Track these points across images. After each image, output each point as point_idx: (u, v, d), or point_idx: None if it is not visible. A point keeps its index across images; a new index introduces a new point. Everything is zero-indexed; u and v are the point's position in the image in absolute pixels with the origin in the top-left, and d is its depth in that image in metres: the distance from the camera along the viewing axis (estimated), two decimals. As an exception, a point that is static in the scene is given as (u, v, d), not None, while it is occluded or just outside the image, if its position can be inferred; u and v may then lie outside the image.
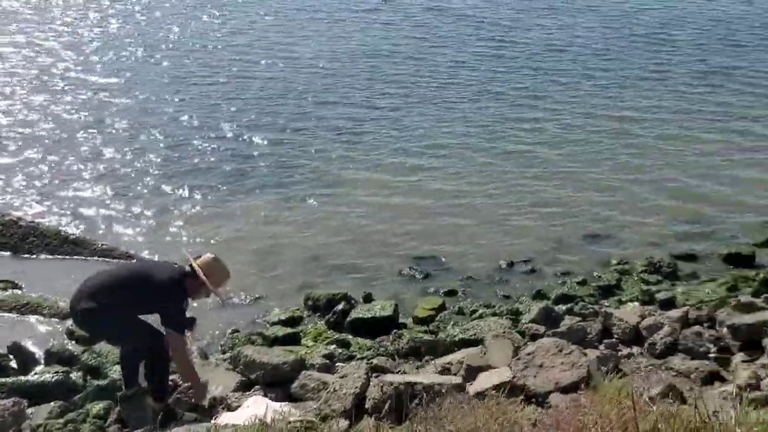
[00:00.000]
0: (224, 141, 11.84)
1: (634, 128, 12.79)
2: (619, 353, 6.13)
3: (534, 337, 6.58)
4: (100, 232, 8.98)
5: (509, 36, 18.69)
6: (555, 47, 17.76)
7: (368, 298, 7.76)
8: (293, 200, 10.01)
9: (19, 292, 7.59)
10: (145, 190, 10.09)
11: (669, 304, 7.44)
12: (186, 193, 10.08)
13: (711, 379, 5.65)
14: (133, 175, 10.52)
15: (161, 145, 11.57)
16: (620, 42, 18.41)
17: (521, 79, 15.25)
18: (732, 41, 18.70)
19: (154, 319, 5.27)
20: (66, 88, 13.98)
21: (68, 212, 9.36)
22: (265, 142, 11.84)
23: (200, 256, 5.41)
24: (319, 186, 10.42)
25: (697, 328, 6.44)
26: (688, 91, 14.71)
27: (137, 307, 5.09)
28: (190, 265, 5.25)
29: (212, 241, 8.90)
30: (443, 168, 11.10)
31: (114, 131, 12.05)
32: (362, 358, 6.49)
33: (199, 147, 11.56)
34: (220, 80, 14.83)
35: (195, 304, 5.84)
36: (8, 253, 8.33)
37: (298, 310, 7.67)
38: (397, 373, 5.93)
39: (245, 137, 12.01)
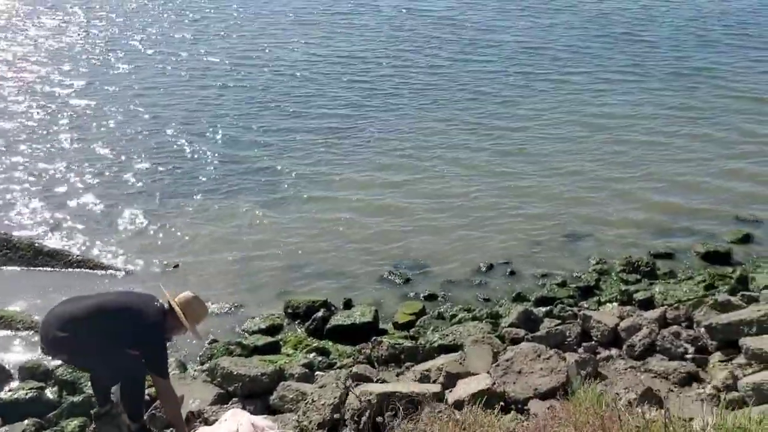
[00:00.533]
0: (199, 149, 11.69)
1: (612, 129, 12.79)
2: (598, 356, 6.15)
3: (514, 341, 6.59)
4: (75, 243, 8.84)
5: (486, 38, 18.63)
6: (532, 49, 17.74)
7: (348, 305, 7.73)
8: (272, 207, 9.92)
9: (-7, 306, 7.46)
10: (122, 200, 9.95)
11: (647, 303, 7.49)
12: (162, 202, 9.96)
13: (689, 380, 5.69)
14: (107, 185, 10.37)
15: (136, 153, 11.42)
16: (598, 42, 18.41)
17: (499, 83, 15.20)
18: (708, 40, 18.75)
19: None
20: (32, 98, 13.71)
21: (42, 224, 9.21)
22: (242, 150, 11.73)
23: (177, 293, 5.21)
24: (297, 193, 10.33)
25: (675, 328, 6.48)
26: (665, 92, 14.74)
27: (114, 340, 4.83)
28: (169, 303, 5.06)
29: (189, 250, 8.84)
30: (422, 172, 11.05)
31: (87, 141, 11.85)
32: (342, 366, 6.46)
33: (174, 155, 11.43)
34: (193, 86, 14.65)
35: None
36: (-19, 267, 8.20)
37: (277, 317, 7.61)
38: (377, 381, 5.90)
39: (221, 145, 11.89)
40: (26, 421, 5.37)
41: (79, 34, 18.30)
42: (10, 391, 5.91)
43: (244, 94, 14.28)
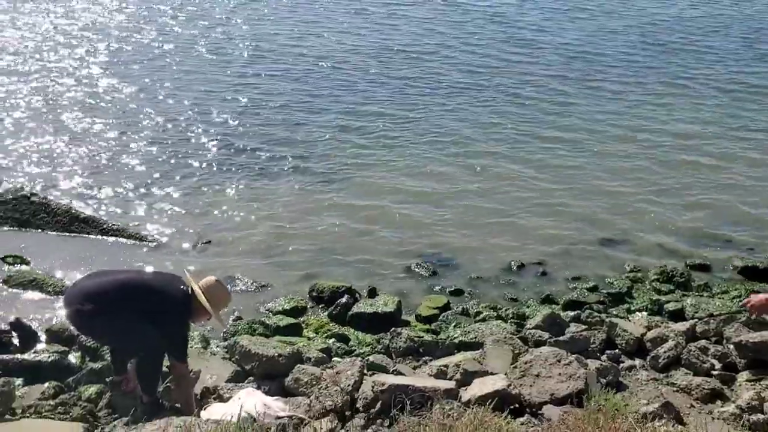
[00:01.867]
0: (240, 130, 11.79)
1: (657, 138, 12.46)
2: (621, 365, 6.01)
3: (537, 344, 6.49)
4: (111, 212, 9.00)
5: (539, 39, 18.23)
6: (585, 53, 17.32)
7: (373, 293, 7.70)
8: (306, 191, 9.95)
9: (27, 268, 7.64)
10: (158, 173, 10.10)
11: (677, 315, 7.31)
12: (198, 178, 10.09)
13: (713, 397, 5.52)
14: (146, 159, 10.52)
15: (174, 130, 11.56)
16: (652, 51, 17.78)
17: (543, 84, 14.89)
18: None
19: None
20: (74, 72, 13.96)
21: (80, 192, 9.41)
22: (281, 133, 11.76)
23: (202, 278, 5.27)
24: (332, 178, 10.34)
25: (703, 342, 6.29)
26: (714, 104, 14.21)
27: (137, 318, 4.87)
28: (192, 289, 5.11)
29: (222, 227, 8.92)
30: (459, 167, 10.94)
31: (128, 116, 12.05)
32: (360, 354, 6.44)
33: (213, 133, 11.55)
34: (238, 70, 14.77)
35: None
36: (19, 229, 8.39)
37: (302, 300, 7.63)
38: (393, 372, 5.87)
39: (261, 127, 11.95)
40: (46, 384, 5.48)
41: (113, 14, 18.58)
42: (35, 353, 6.04)
43: (287, 79, 14.29)
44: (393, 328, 6.71)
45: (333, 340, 6.79)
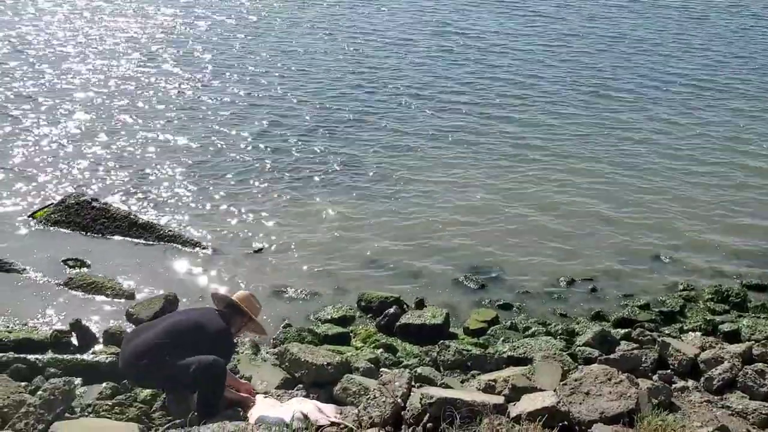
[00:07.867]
0: (293, 142, 11.94)
1: (713, 151, 12.29)
2: (673, 386, 5.91)
3: (587, 361, 6.44)
4: (168, 219, 9.22)
5: (589, 41, 18.16)
6: (634, 56, 17.17)
7: (420, 304, 7.71)
8: (358, 202, 10.06)
9: (87, 270, 7.90)
10: (213, 183, 10.30)
11: (733, 336, 7.15)
12: (253, 189, 10.26)
13: (770, 422, 5.40)
14: (204, 168, 10.75)
15: (232, 142, 11.78)
16: (721, 66, 17.48)
17: (591, 97, 14.83)
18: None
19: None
20: (144, 84, 14.37)
21: (139, 198, 9.67)
22: (333, 145, 11.90)
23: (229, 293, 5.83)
24: (383, 190, 10.43)
25: (760, 365, 6.15)
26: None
27: (190, 353, 5.00)
28: (230, 304, 5.47)
29: (274, 236, 9.06)
30: (508, 181, 10.94)
31: (190, 125, 12.35)
32: (407, 366, 6.47)
33: (268, 145, 11.74)
34: (296, 82, 14.98)
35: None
36: (80, 233, 8.66)
37: (350, 309, 7.70)
38: (440, 385, 5.88)
39: (314, 138, 12.12)
40: (103, 384, 5.66)
41: (172, 27, 19.06)
42: (93, 353, 6.25)
43: (339, 94, 14.40)
44: (441, 341, 6.73)
45: (381, 350, 6.82)
